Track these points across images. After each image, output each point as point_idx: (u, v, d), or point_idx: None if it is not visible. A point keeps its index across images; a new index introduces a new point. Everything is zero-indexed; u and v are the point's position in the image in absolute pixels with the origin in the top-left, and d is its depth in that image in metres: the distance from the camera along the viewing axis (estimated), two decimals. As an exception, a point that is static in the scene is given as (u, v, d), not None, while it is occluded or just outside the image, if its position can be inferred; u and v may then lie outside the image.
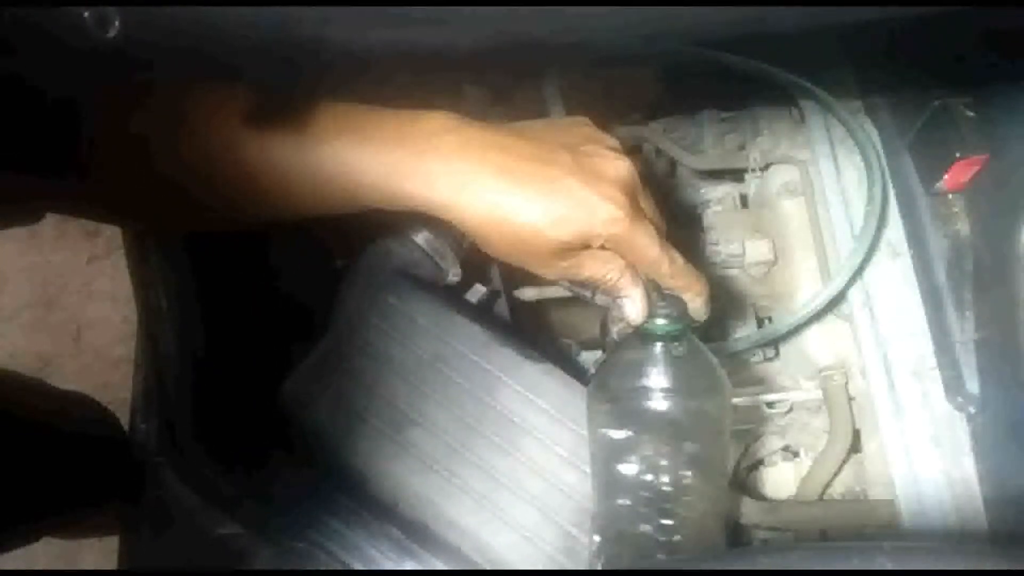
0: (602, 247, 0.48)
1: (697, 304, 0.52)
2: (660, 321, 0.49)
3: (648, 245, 0.48)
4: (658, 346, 0.49)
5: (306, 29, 0.42)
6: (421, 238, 0.56)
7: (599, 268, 0.49)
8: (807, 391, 0.65)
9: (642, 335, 0.50)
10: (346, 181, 0.47)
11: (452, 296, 0.56)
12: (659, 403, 0.48)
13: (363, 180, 0.47)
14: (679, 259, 0.50)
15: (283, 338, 0.61)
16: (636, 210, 0.48)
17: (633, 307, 0.49)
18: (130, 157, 0.46)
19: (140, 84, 0.45)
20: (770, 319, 0.69)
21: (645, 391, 0.48)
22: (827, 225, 0.67)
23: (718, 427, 0.50)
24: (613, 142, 0.52)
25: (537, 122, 0.55)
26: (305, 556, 0.50)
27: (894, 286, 0.64)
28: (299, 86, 0.48)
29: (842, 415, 0.63)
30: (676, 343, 0.49)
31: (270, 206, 0.50)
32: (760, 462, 0.66)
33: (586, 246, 0.48)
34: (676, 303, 0.50)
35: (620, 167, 0.49)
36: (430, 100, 0.50)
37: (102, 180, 0.47)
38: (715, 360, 0.50)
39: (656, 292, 0.49)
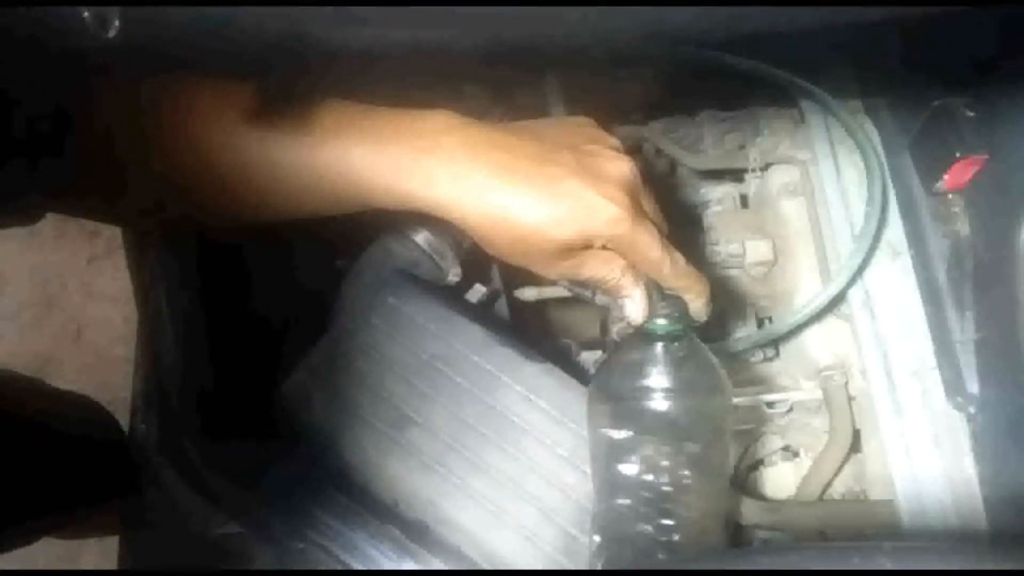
0: (603, 247, 0.48)
1: (698, 305, 0.52)
2: (661, 321, 0.49)
3: (650, 245, 0.48)
4: (659, 346, 0.49)
5: (307, 28, 0.42)
6: (421, 238, 0.56)
7: (600, 268, 0.49)
8: (807, 391, 0.65)
9: (643, 335, 0.50)
10: (347, 180, 0.47)
11: (452, 296, 0.56)
12: (659, 403, 0.48)
13: (364, 179, 0.47)
14: (680, 259, 0.50)
15: (282, 338, 0.61)
16: (638, 210, 0.48)
17: (634, 307, 0.49)
18: (123, 157, 0.46)
19: (134, 82, 0.45)
20: (770, 319, 0.69)
21: (645, 391, 0.48)
22: (827, 225, 0.66)
23: (718, 427, 0.50)
24: (615, 142, 0.52)
25: (538, 121, 0.55)
26: (305, 556, 0.50)
27: (894, 286, 0.64)
28: (300, 85, 0.48)
29: (842, 415, 0.62)
30: (677, 343, 0.49)
31: (270, 205, 0.50)
32: (760, 462, 0.66)
33: (587, 246, 0.48)
34: (677, 303, 0.50)
35: (622, 167, 0.49)
36: (430, 100, 0.50)
37: (95, 180, 0.47)
38: (715, 360, 0.50)
39: (657, 292, 0.49)
